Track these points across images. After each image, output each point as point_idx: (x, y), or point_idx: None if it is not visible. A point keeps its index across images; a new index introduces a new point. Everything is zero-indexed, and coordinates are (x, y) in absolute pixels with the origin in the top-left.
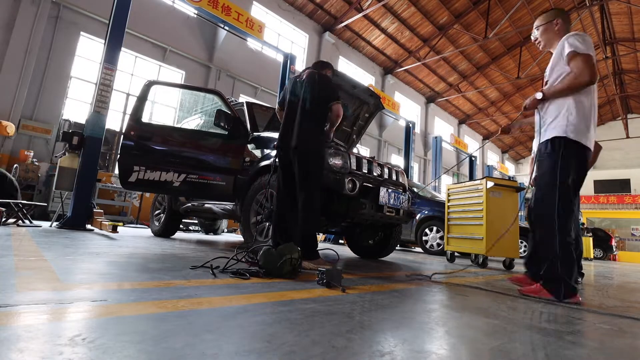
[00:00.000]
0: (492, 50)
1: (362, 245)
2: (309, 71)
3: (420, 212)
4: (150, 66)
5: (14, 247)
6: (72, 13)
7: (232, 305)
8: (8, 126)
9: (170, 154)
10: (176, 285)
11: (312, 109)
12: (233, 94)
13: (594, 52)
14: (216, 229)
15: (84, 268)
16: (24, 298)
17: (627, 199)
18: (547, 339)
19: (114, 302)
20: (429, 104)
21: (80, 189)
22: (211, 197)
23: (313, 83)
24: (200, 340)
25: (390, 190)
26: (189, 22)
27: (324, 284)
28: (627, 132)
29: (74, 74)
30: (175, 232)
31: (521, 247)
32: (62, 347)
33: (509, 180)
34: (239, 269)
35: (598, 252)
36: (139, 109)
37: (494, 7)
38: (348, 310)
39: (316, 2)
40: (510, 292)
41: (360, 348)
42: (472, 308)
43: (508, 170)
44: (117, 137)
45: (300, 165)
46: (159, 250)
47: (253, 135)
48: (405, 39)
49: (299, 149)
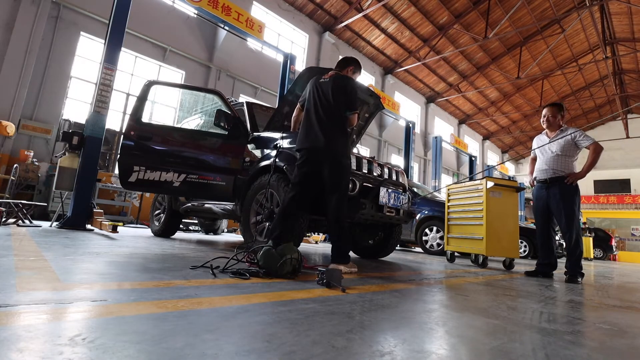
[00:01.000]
0: (492, 50)
1: (362, 245)
2: (333, 73)
3: (420, 212)
4: (150, 66)
5: (14, 247)
6: (72, 13)
7: (232, 305)
8: (8, 126)
9: (170, 154)
10: (176, 285)
11: (338, 113)
12: (233, 94)
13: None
14: (216, 229)
15: (84, 268)
16: (24, 298)
17: (627, 199)
18: (547, 339)
19: (114, 302)
20: (429, 104)
21: (80, 189)
22: (211, 197)
23: (338, 87)
24: (200, 340)
25: (391, 190)
26: (189, 22)
27: (324, 284)
28: (627, 132)
29: (74, 74)
30: (175, 232)
31: (521, 247)
32: (62, 347)
33: (509, 180)
34: (239, 269)
35: (598, 252)
36: (139, 109)
37: (494, 7)
38: (348, 310)
39: (316, 2)
40: (511, 292)
41: (360, 348)
42: (472, 308)
43: (508, 170)
44: (117, 137)
45: (333, 168)
46: (159, 250)
47: (253, 135)
48: (405, 39)
49: (332, 152)
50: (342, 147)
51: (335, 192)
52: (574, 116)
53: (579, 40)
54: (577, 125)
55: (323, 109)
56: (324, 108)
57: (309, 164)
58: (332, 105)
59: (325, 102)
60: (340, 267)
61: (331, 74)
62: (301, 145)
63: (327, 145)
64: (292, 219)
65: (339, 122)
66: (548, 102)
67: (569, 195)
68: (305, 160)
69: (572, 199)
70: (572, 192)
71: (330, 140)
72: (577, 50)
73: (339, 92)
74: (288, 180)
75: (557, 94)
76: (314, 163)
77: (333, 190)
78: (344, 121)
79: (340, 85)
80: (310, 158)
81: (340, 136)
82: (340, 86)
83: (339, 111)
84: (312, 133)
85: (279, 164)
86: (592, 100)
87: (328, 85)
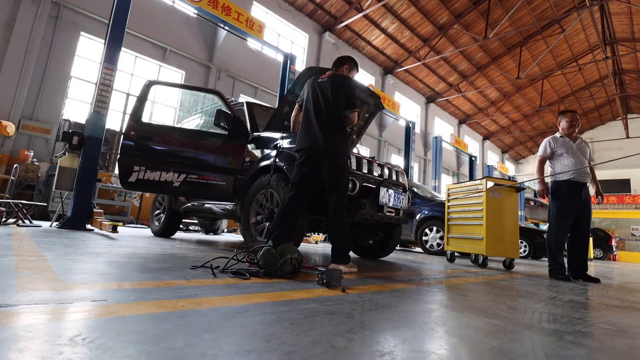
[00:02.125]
0: (492, 50)
1: (362, 245)
2: (331, 73)
3: (420, 212)
4: (150, 66)
5: (14, 247)
6: (72, 13)
7: (232, 305)
8: (8, 126)
9: (170, 154)
10: (176, 285)
11: (337, 112)
12: (233, 94)
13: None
14: (216, 229)
15: (84, 268)
16: (24, 298)
17: (627, 199)
18: (547, 338)
19: (114, 302)
20: (429, 104)
21: (80, 189)
22: (211, 197)
23: (336, 87)
24: (200, 340)
25: (391, 190)
26: (189, 22)
27: (324, 284)
28: (627, 132)
29: (74, 74)
30: (175, 232)
31: (521, 247)
32: (62, 347)
33: (509, 180)
34: (239, 269)
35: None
36: (139, 109)
37: (494, 7)
38: (348, 310)
39: (316, 2)
40: (511, 292)
41: (360, 348)
42: (472, 308)
43: (508, 170)
44: (117, 137)
45: (332, 168)
46: (159, 250)
47: (253, 135)
48: (405, 39)
49: (331, 152)
50: (342, 147)
51: (335, 192)
52: None
53: (579, 40)
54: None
55: (322, 109)
56: (323, 108)
57: (309, 164)
58: (331, 105)
59: (324, 101)
60: (340, 267)
61: (329, 74)
62: (300, 145)
63: (326, 145)
64: (292, 219)
65: (338, 122)
66: (548, 102)
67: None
68: (305, 160)
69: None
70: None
71: (329, 139)
72: (577, 50)
73: (338, 91)
74: (288, 180)
75: (557, 94)
76: (314, 163)
77: (333, 190)
78: (343, 121)
79: (339, 84)
80: (309, 158)
81: (340, 136)
82: (338, 85)
83: (338, 111)
84: (312, 133)
85: (279, 164)
86: (592, 100)
87: (327, 84)
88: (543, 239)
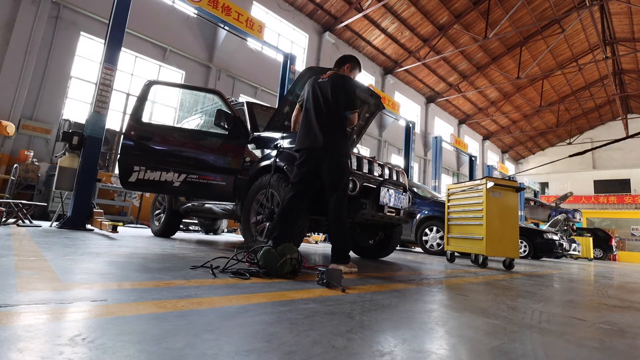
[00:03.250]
0: (492, 50)
1: (362, 245)
2: (332, 73)
3: (420, 212)
4: (150, 66)
5: (14, 247)
6: (72, 13)
7: (232, 305)
8: (8, 126)
9: (170, 154)
10: (176, 285)
11: (337, 113)
12: (233, 94)
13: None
14: (216, 229)
15: (84, 268)
16: (24, 298)
17: (627, 199)
18: (547, 339)
19: (114, 302)
20: (429, 104)
21: (80, 189)
22: (211, 197)
23: (337, 87)
24: (200, 340)
25: (391, 190)
26: (189, 22)
27: (324, 284)
28: (627, 132)
29: (74, 74)
30: (175, 232)
31: (521, 247)
32: (62, 347)
33: (509, 180)
34: (239, 269)
35: (598, 252)
36: (139, 108)
37: (494, 7)
38: (348, 310)
39: (316, 2)
40: (511, 292)
41: (360, 348)
42: (472, 308)
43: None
44: (117, 137)
45: (332, 168)
46: (159, 250)
47: (253, 135)
48: (405, 39)
49: (331, 151)
50: (342, 147)
51: (335, 192)
52: (574, 116)
53: (579, 40)
54: (577, 124)
55: (322, 109)
56: (323, 108)
57: (309, 164)
58: (331, 105)
59: (324, 101)
60: (340, 267)
61: (330, 74)
62: (300, 145)
63: (326, 145)
64: (292, 219)
65: (338, 122)
66: (548, 102)
67: None
68: (305, 160)
69: None
70: None
71: (329, 139)
72: (577, 50)
73: (338, 91)
74: (288, 180)
75: (557, 94)
76: (314, 163)
77: (333, 189)
78: (343, 121)
79: (339, 84)
80: (309, 158)
81: (340, 136)
82: (339, 85)
83: (338, 111)
84: (312, 133)
85: (279, 164)
86: (592, 100)
87: (327, 84)
88: (543, 239)
